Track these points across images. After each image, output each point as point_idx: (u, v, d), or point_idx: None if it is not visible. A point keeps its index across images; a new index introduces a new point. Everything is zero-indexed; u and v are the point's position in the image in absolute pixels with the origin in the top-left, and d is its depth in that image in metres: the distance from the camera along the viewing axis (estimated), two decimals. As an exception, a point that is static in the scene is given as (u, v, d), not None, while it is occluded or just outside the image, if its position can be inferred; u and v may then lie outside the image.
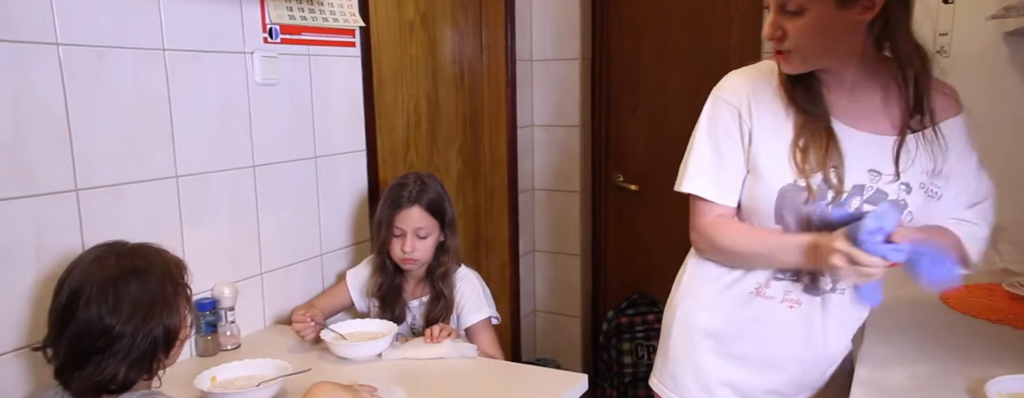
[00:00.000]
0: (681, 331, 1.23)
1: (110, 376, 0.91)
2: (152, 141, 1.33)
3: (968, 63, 1.75)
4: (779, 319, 1.15)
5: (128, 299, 0.91)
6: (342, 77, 1.78)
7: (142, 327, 0.91)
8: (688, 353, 1.21)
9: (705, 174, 1.13)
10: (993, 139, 1.75)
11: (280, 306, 1.64)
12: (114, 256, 0.96)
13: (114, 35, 1.25)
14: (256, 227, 1.57)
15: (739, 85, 1.12)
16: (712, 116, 1.13)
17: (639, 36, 2.60)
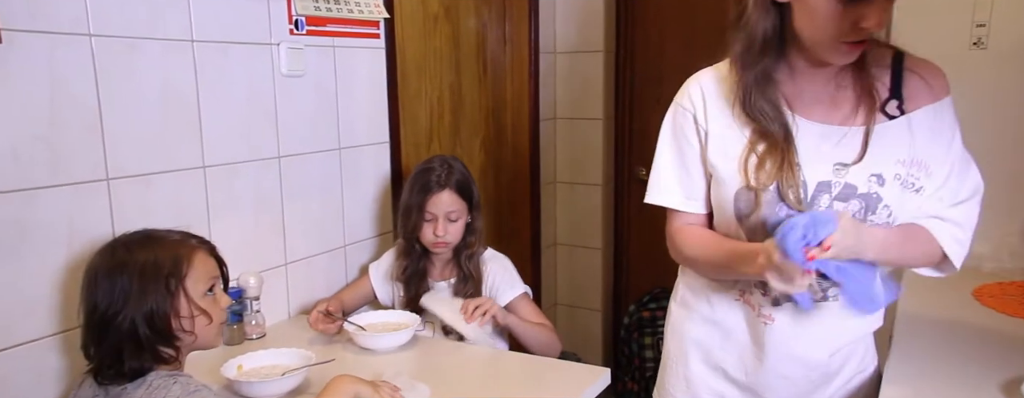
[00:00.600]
0: (673, 340, 1.21)
1: (111, 360, 0.95)
2: (180, 132, 1.35)
3: (1006, 56, 1.70)
4: (757, 332, 1.11)
5: (109, 286, 0.95)
6: (366, 69, 1.79)
7: (124, 313, 0.94)
8: (678, 362, 1.20)
9: (670, 183, 1.12)
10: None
11: (304, 296, 1.66)
12: (117, 246, 1.00)
13: (145, 26, 1.27)
14: (281, 218, 1.58)
15: (693, 89, 1.11)
16: (672, 123, 1.12)
17: (664, 28, 2.56)
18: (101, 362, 0.96)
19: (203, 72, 1.37)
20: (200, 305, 1.00)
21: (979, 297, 1.47)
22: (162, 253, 0.99)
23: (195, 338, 1.01)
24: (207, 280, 1.02)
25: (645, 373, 2.54)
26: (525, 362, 1.42)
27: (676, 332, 1.20)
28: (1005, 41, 1.69)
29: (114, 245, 1.01)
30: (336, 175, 1.72)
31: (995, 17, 1.69)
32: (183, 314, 0.99)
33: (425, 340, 1.48)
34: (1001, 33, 1.69)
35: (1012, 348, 1.20)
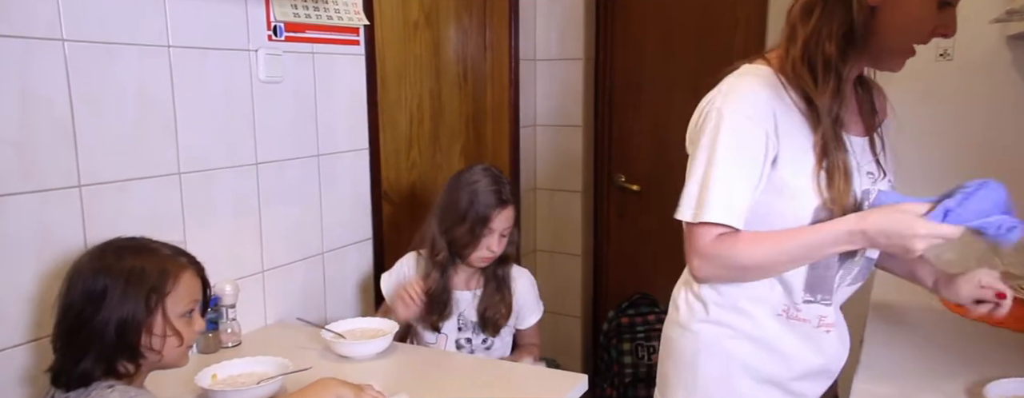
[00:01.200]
0: (713, 362, 1.12)
1: (71, 364, 0.93)
2: (156, 138, 1.33)
3: (970, 67, 1.75)
4: (817, 342, 1.10)
5: (90, 286, 0.93)
6: (346, 75, 1.78)
7: (98, 315, 0.92)
8: (723, 385, 1.11)
9: (735, 200, 1.00)
10: (996, 142, 1.76)
11: (281, 304, 1.64)
12: (107, 248, 0.99)
13: (120, 31, 1.25)
14: (258, 224, 1.57)
15: (764, 101, 1.00)
16: (736, 135, 0.99)
17: (643, 36, 2.59)
18: (62, 364, 0.94)
19: (180, 78, 1.36)
20: (175, 326, 0.97)
21: (946, 303, 1.51)
22: (151, 265, 0.97)
23: (160, 358, 0.98)
24: (189, 302, 1.00)
25: (624, 379, 2.56)
26: (503, 369, 1.42)
27: (715, 353, 1.11)
28: (970, 52, 1.74)
29: (104, 248, 0.99)
30: (314, 182, 1.72)
31: (960, 29, 1.73)
32: (155, 332, 0.96)
33: (403, 348, 1.47)
34: (966, 45, 1.74)
35: (977, 352, 1.23)
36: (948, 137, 1.79)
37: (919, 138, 1.78)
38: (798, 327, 1.09)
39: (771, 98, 1.01)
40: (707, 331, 1.12)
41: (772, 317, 1.09)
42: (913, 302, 1.48)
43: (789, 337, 1.10)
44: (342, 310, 1.81)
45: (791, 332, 1.09)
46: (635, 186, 2.66)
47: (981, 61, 1.73)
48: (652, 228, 2.64)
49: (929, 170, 1.77)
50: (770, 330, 1.09)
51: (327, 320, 1.65)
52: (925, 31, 0.99)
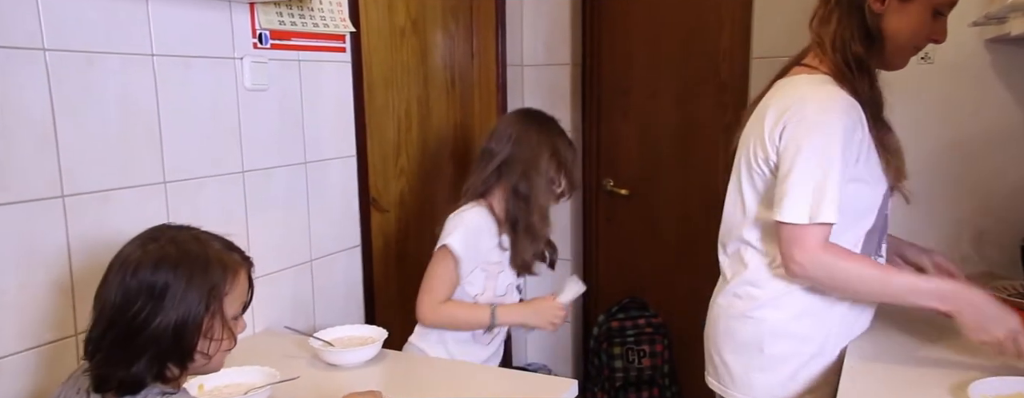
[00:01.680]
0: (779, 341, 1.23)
1: (113, 367, 0.82)
2: (140, 147, 1.33)
3: (951, 69, 1.77)
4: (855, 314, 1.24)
5: (148, 281, 0.83)
6: (332, 82, 1.78)
7: (156, 314, 0.82)
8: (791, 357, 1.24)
9: (837, 203, 1.09)
10: (976, 144, 1.78)
11: (269, 313, 1.63)
12: (161, 238, 0.88)
13: (103, 41, 1.25)
14: (245, 233, 1.56)
15: (851, 104, 1.12)
16: (841, 139, 1.09)
17: (630, 41, 2.61)
18: (109, 368, 0.83)
19: (164, 86, 1.36)
20: (231, 328, 0.89)
21: (932, 303, 1.52)
22: (212, 260, 0.87)
23: (207, 363, 0.89)
24: (241, 303, 0.92)
25: (615, 383, 2.56)
26: (493, 374, 1.42)
27: (780, 334, 1.23)
28: (950, 55, 1.77)
29: (158, 236, 0.88)
30: (302, 189, 1.71)
31: (940, 33, 1.76)
32: (212, 335, 0.87)
33: (392, 355, 1.47)
34: (946, 48, 1.75)
35: (961, 352, 1.24)
36: (929, 138, 1.81)
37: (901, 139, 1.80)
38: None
39: (857, 104, 1.13)
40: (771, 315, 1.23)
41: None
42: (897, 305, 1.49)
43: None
44: (331, 318, 1.80)
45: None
46: (624, 190, 2.67)
47: (961, 64, 1.76)
48: (641, 232, 2.65)
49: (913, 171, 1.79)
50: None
51: (316, 328, 1.64)
52: (921, 37, 1.15)
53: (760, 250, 1.24)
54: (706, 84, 2.50)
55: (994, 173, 1.77)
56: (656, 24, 2.55)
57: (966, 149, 1.78)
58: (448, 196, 2.43)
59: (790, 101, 1.14)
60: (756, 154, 1.19)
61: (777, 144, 1.14)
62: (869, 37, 1.14)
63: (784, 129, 1.13)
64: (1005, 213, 1.76)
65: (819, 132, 1.09)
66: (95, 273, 1.24)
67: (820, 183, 1.08)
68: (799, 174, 1.10)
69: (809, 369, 1.23)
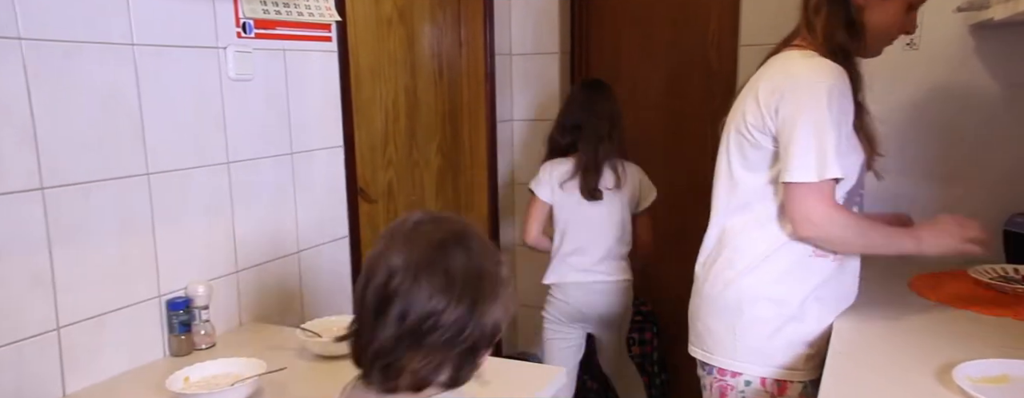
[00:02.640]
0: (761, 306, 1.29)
1: (420, 369, 0.76)
2: (122, 138, 1.31)
3: (937, 55, 1.77)
4: (830, 276, 1.29)
5: (459, 278, 0.76)
6: (318, 72, 1.77)
7: (472, 313, 0.76)
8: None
9: (837, 159, 1.17)
10: (960, 128, 1.79)
11: (256, 304, 1.63)
12: (461, 237, 0.80)
13: (82, 30, 1.23)
14: (231, 224, 1.55)
15: (841, 73, 1.20)
16: (832, 103, 1.17)
17: (618, 30, 2.60)
18: (390, 372, 0.77)
19: (145, 77, 1.34)
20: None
21: (915, 287, 1.53)
22: (505, 270, 0.81)
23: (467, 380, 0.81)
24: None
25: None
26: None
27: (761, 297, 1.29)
28: (935, 42, 1.77)
29: (474, 233, 0.81)
30: (289, 180, 1.70)
31: (926, 19, 1.77)
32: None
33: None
34: (932, 34, 1.77)
35: (945, 335, 1.25)
36: (915, 122, 1.82)
37: (888, 123, 1.81)
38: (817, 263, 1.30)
39: (844, 72, 1.22)
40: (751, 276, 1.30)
41: (804, 257, 1.28)
42: (882, 288, 1.50)
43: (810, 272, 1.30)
44: (319, 309, 1.79)
45: (812, 268, 1.30)
46: (613, 179, 2.67)
47: (946, 50, 1.76)
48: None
49: (899, 154, 1.80)
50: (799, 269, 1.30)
51: (304, 319, 1.64)
52: (896, 28, 1.27)
53: (744, 217, 1.30)
54: (694, 72, 2.49)
55: (978, 157, 1.78)
56: (644, 12, 2.54)
57: (951, 133, 1.79)
58: (437, 187, 2.42)
59: (784, 73, 1.24)
60: (748, 122, 1.26)
61: (774, 113, 1.22)
62: (852, 27, 1.23)
63: (781, 98, 1.21)
64: (988, 196, 1.77)
65: (814, 96, 1.17)
66: (75, 266, 1.24)
67: (821, 142, 1.17)
68: (802, 136, 1.17)
69: (787, 331, 1.29)
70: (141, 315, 1.36)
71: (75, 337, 1.25)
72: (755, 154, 1.27)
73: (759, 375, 1.30)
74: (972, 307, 1.39)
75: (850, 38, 1.23)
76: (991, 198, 1.77)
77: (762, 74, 1.28)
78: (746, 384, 1.31)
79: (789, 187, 1.20)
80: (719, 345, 1.33)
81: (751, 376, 1.31)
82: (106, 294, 1.30)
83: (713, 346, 1.34)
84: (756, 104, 1.25)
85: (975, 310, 1.37)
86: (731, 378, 1.32)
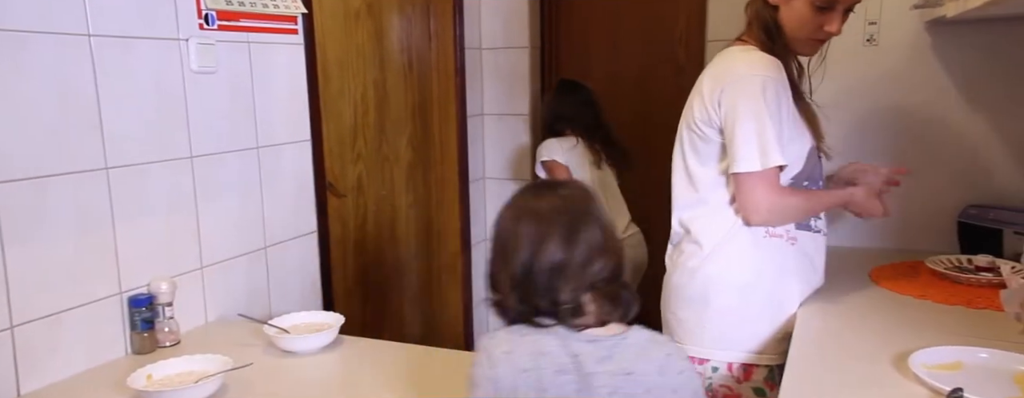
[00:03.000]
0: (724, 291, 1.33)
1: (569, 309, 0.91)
2: (79, 132, 1.27)
3: (895, 51, 1.82)
4: (786, 255, 1.33)
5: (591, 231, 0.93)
6: (284, 65, 1.74)
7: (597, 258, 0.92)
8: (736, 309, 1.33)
9: (780, 148, 1.23)
10: (918, 122, 1.84)
11: (222, 300, 1.60)
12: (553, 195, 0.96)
13: (32, 19, 1.19)
14: (195, 220, 1.52)
15: (776, 65, 1.26)
16: (767, 93, 1.22)
17: (587, 26, 2.61)
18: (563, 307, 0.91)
19: (103, 68, 1.30)
20: None
21: (875, 278, 1.57)
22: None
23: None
24: None
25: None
26: (448, 357, 1.42)
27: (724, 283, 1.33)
28: (894, 37, 1.82)
29: (580, 198, 0.97)
30: (255, 175, 1.67)
31: (884, 15, 1.81)
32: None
33: (348, 340, 1.46)
34: (890, 30, 1.81)
35: (902, 324, 1.28)
36: (875, 114, 1.86)
37: (849, 116, 1.85)
38: (773, 244, 1.35)
39: (776, 62, 1.27)
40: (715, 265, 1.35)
41: (759, 238, 1.33)
42: (844, 279, 1.54)
43: (767, 257, 1.35)
44: (287, 305, 1.77)
45: (768, 251, 1.35)
46: (584, 174, 2.68)
47: (904, 45, 1.81)
48: (601, 215, 2.67)
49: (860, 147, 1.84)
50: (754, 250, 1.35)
51: (272, 315, 1.62)
52: (809, 28, 1.27)
53: (701, 209, 1.34)
54: (664, 68, 2.52)
55: (934, 149, 1.83)
56: (614, 8, 2.56)
57: (908, 126, 1.84)
58: (406, 181, 2.41)
59: (724, 68, 1.29)
60: (696, 117, 1.31)
61: (717, 107, 1.27)
62: (767, 27, 1.29)
63: (722, 92, 1.26)
64: (943, 187, 1.83)
65: (750, 89, 1.23)
66: (30, 263, 1.20)
67: (762, 132, 1.22)
68: (743, 128, 1.23)
69: (752, 316, 1.32)
70: (101, 312, 1.33)
71: (30, 336, 1.21)
72: (705, 148, 1.32)
73: (726, 360, 1.33)
74: (928, 297, 1.43)
75: (770, 36, 1.29)
76: (946, 190, 1.83)
77: (707, 71, 1.33)
78: (713, 370, 1.34)
79: (737, 177, 1.26)
80: (689, 334, 1.36)
81: (718, 362, 1.33)
82: (63, 291, 1.26)
83: (683, 335, 1.37)
84: (701, 99, 1.30)
85: (931, 299, 1.41)
86: (699, 365, 1.34)
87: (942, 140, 1.82)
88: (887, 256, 1.74)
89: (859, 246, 1.85)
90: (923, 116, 1.83)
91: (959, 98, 1.79)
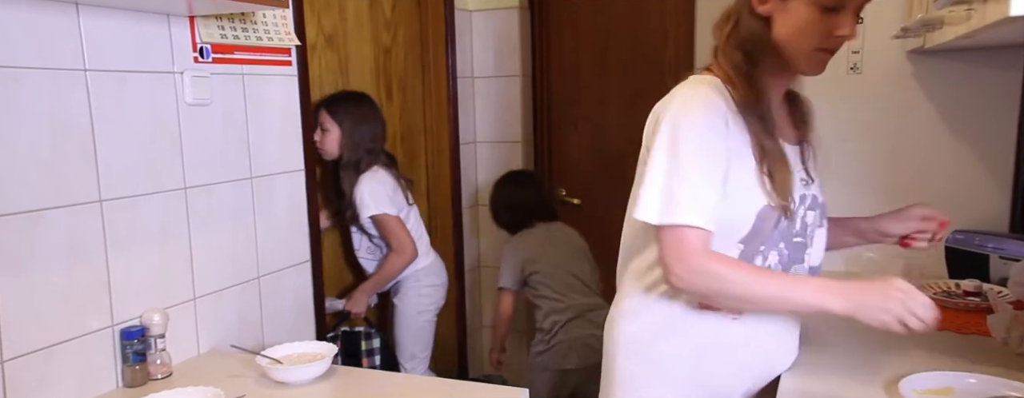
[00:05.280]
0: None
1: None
2: (73, 164, 1.28)
3: (878, 79, 1.86)
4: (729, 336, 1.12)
5: None
6: (278, 96, 1.76)
7: None
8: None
9: (698, 204, 0.99)
10: (902, 150, 1.88)
11: (215, 331, 1.59)
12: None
13: (29, 55, 1.20)
14: (188, 250, 1.52)
15: (716, 101, 1.03)
16: (695, 134, 1.01)
17: (578, 52, 2.66)
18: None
19: (98, 102, 1.32)
20: None
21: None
22: None
23: None
24: None
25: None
26: (442, 386, 1.41)
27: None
28: (877, 66, 1.86)
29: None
30: (248, 205, 1.68)
31: (867, 44, 1.85)
32: None
33: (342, 371, 1.45)
34: (873, 59, 1.86)
35: (892, 348, 1.29)
36: (861, 140, 1.90)
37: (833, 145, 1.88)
38: (702, 320, 1.13)
39: (722, 99, 1.05)
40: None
41: (685, 312, 1.13)
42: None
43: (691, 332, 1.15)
44: (280, 335, 1.76)
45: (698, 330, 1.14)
46: (576, 199, 2.70)
47: (886, 74, 1.85)
48: (594, 241, 2.68)
49: (844, 176, 1.87)
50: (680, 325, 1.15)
51: (265, 345, 1.61)
52: (817, 34, 1.02)
53: (630, 257, 1.20)
54: (653, 94, 2.52)
55: (920, 175, 1.86)
56: (603, 37, 2.60)
57: (894, 152, 1.87)
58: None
59: (664, 101, 1.08)
60: (641, 157, 1.11)
61: (648, 145, 1.07)
62: (748, 45, 1.06)
63: (652, 128, 1.07)
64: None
65: (669, 131, 1.02)
66: (21, 297, 1.20)
67: (669, 182, 1.00)
68: (651, 172, 1.02)
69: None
70: (92, 345, 1.32)
71: (20, 371, 1.20)
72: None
73: None
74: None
75: (751, 56, 1.06)
76: (933, 215, 1.85)
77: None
78: None
79: (657, 233, 1.03)
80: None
81: None
82: (55, 324, 1.26)
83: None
84: (645, 137, 1.10)
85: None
86: None
87: (927, 166, 1.85)
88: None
89: (848, 271, 1.87)
90: (908, 143, 1.86)
91: (942, 125, 1.83)
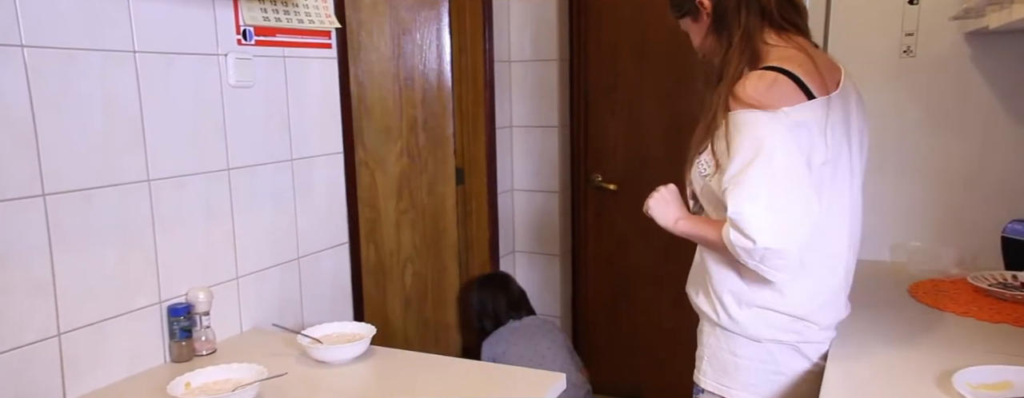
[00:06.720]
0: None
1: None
2: (123, 145, 1.31)
3: (933, 62, 1.79)
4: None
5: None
6: (318, 79, 1.77)
7: None
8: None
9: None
10: (958, 135, 1.80)
11: (256, 310, 1.63)
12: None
13: (82, 37, 1.23)
14: (231, 231, 1.55)
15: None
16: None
17: (617, 36, 2.61)
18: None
19: (146, 83, 1.34)
20: None
21: (915, 294, 1.54)
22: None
23: None
24: None
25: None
26: (481, 370, 1.42)
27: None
28: (932, 48, 1.78)
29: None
30: (288, 186, 1.70)
31: (921, 26, 1.78)
32: None
33: (381, 351, 1.47)
34: (928, 41, 1.78)
35: (945, 342, 1.25)
36: (914, 127, 1.83)
37: (887, 127, 1.82)
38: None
39: None
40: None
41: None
42: (883, 294, 1.51)
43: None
44: (319, 315, 1.79)
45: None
46: (612, 186, 2.68)
47: (942, 57, 1.77)
48: (630, 227, 2.66)
49: (897, 157, 1.80)
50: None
51: (304, 325, 1.64)
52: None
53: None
54: (692, 78, 2.50)
55: (976, 163, 1.79)
56: (642, 19, 2.55)
57: (949, 139, 1.80)
58: (437, 192, 2.42)
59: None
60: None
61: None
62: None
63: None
64: (986, 202, 1.78)
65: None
66: (76, 272, 1.24)
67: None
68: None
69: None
70: (142, 321, 1.36)
71: (75, 343, 1.24)
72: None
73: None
74: (971, 314, 1.39)
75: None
76: (989, 205, 1.78)
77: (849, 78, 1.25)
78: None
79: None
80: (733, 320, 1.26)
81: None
82: (107, 300, 1.30)
83: (729, 321, 1.27)
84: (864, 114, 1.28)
85: (974, 317, 1.38)
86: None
87: (984, 154, 1.78)
88: (928, 272, 1.70)
89: (897, 261, 1.81)
90: (963, 129, 1.79)
91: (1001, 110, 1.75)
